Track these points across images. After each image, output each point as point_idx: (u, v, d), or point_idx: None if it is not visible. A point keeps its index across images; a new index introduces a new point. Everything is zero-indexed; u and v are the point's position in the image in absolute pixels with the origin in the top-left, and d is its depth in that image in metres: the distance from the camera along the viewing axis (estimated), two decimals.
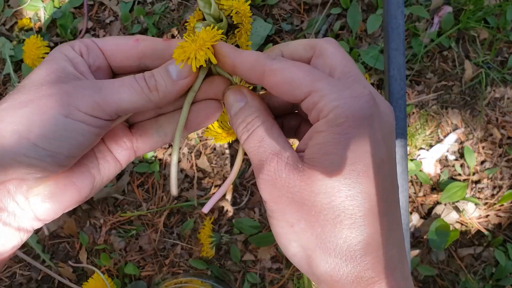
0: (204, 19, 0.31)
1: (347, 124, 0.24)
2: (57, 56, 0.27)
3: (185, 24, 0.32)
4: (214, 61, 0.28)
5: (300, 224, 0.25)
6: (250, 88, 0.31)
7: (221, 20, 0.30)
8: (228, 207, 0.92)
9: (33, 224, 0.28)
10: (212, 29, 0.29)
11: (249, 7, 0.31)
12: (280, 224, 0.26)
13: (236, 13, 0.30)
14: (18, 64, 0.98)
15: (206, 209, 0.30)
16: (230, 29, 0.32)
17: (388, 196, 0.25)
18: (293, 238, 0.25)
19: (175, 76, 0.28)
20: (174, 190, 0.31)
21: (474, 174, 0.91)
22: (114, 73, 0.31)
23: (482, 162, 0.91)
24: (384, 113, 0.26)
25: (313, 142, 0.25)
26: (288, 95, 0.26)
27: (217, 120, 0.38)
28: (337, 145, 0.24)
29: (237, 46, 0.32)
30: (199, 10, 0.30)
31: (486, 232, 0.88)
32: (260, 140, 0.26)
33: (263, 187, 0.26)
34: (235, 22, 0.31)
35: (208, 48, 0.28)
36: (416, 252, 0.88)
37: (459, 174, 0.91)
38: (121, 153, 0.31)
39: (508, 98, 0.92)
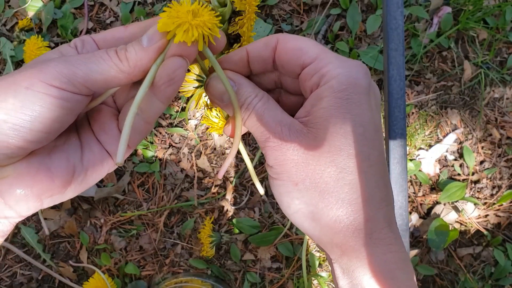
0: (208, 1, 0.30)
1: (350, 90, 0.26)
2: (49, 52, 0.28)
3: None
4: (217, 34, 0.27)
5: (305, 182, 0.27)
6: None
7: (225, 5, 0.30)
8: (228, 207, 0.92)
9: (4, 212, 0.26)
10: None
11: None
12: (284, 184, 0.27)
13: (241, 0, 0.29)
14: (18, 65, 0.98)
15: (220, 175, 0.31)
16: (233, 16, 0.31)
17: (383, 158, 0.28)
18: (296, 195, 0.27)
19: (146, 42, 0.27)
20: (119, 157, 0.27)
21: (473, 174, 0.91)
22: None
23: (481, 162, 0.91)
24: (376, 90, 0.29)
25: (316, 107, 0.27)
26: (295, 61, 0.28)
27: (215, 109, 0.37)
28: (340, 108, 0.26)
29: (238, 35, 0.31)
30: None
31: (485, 232, 0.88)
32: (261, 116, 0.28)
33: (269, 154, 0.27)
34: (237, 9, 0.30)
35: (208, 29, 0.26)
36: (415, 251, 0.88)
37: (458, 174, 0.91)
38: (110, 142, 0.29)
39: (507, 98, 0.92)
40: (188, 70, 0.36)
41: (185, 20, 0.25)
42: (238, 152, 0.93)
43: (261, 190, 0.35)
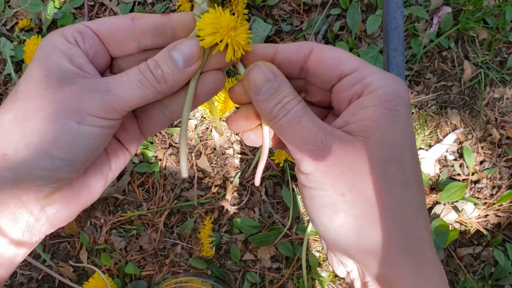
0: None
1: (397, 102, 0.25)
2: (50, 51, 0.26)
3: None
4: (234, 56, 0.27)
5: (352, 193, 0.24)
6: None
7: None
8: (228, 207, 0.92)
9: (46, 230, 0.27)
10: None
11: None
12: (328, 194, 0.25)
13: None
14: (18, 65, 0.98)
15: (257, 181, 0.30)
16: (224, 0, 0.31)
17: (421, 173, 0.27)
18: (343, 207, 0.25)
19: (182, 64, 0.27)
20: (184, 172, 0.29)
21: (473, 174, 0.91)
22: (112, 56, 0.30)
23: (481, 162, 0.91)
24: None
25: (361, 116, 0.26)
26: (332, 70, 0.27)
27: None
28: (389, 120, 0.25)
29: (233, 14, 0.32)
30: None
31: (485, 232, 0.88)
32: (299, 118, 0.26)
33: (308, 159, 0.25)
34: None
35: (243, 38, 0.27)
36: None
37: (458, 174, 0.91)
38: (130, 140, 0.30)
39: (507, 98, 0.92)
40: None
41: (227, 35, 0.26)
42: (239, 153, 0.93)
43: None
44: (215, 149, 0.94)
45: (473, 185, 0.91)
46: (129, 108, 0.26)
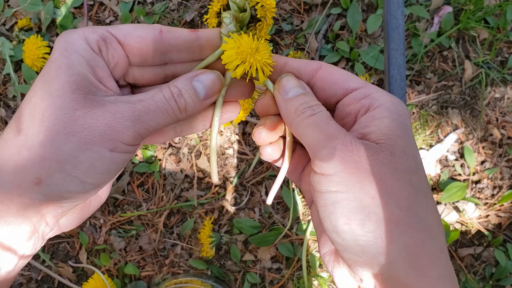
0: (227, 5, 0.30)
1: (404, 117, 0.27)
2: (73, 59, 0.25)
3: (208, 6, 0.31)
4: (264, 75, 0.29)
5: (383, 196, 0.24)
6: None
7: (245, 10, 0.30)
8: (228, 207, 0.92)
9: (52, 235, 0.28)
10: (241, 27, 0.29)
11: (274, 2, 0.30)
12: (358, 197, 0.24)
13: (261, 6, 0.30)
14: (18, 64, 0.98)
15: (269, 200, 0.31)
16: (251, 21, 0.31)
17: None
18: (374, 210, 0.23)
19: (203, 96, 0.28)
20: (215, 177, 0.32)
21: (474, 174, 0.91)
22: (129, 63, 0.29)
23: (482, 162, 0.91)
24: None
25: (377, 126, 0.26)
26: (339, 84, 0.29)
27: None
28: (405, 132, 0.26)
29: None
30: None
31: (486, 232, 0.88)
32: (327, 120, 0.26)
33: (336, 157, 0.24)
34: (258, 16, 0.31)
35: (266, 60, 0.28)
36: None
37: (459, 174, 0.91)
38: None
39: (508, 98, 0.92)
40: None
41: (252, 59, 0.28)
42: (239, 152, 0.93)
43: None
44: None
45: (474, 185, 0.90)
46: (152, 132, 0.27)
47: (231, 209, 0.92)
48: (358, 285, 0.27)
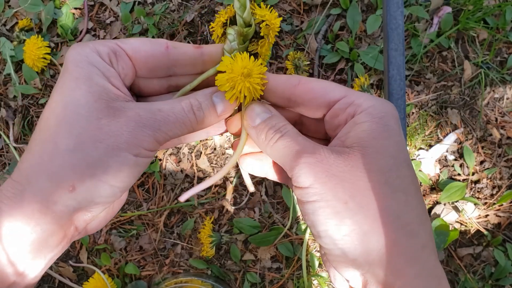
0: (234, 17, 0.31)
1: (387, 118, 0.26)
2: (91, 71, 0.26)
3: (216, 15, 0.32)
4: (259, 92, 0.30)
5: (356, 199, 0.25)
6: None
7: (250, 26, 0.31)
8: (228, 207, 0.92)
9: (79, 238, 0.30)
10: (249, 54, 0.30)
11: (279, 22, 0.31)
12: (330, 205, 0.25)
13: (266, 25, 0.31)
14: (18, 64, 0.98)
15: (183, 198, 0.31)
16: (254, 37, 0.32)
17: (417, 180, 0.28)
18: (347, 215, 0.25)
19: (220, 111, 0.29)
20: (251, 187, 0.33)
21: (473, 174, 0.91)
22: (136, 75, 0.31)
23: (482, 162, 0.91)
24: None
25: (356, 131, 0.27)
26: (320, 98, 0.28)
27: None
28: (383, 132, 0.26)
29: (256, 54, 0.33)
30: (233, 8, 0.31)
31: (485, 232, 0.88)
32: (295, 138, 0.28)
33: (307, 171, 0.26)
34: (261, 34, 0.32)
35: (257, 84, 0.29)
36: None
37: (459, 174, 0.91)
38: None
39: (507, 98, 0.92)
40: None
41: (241, 82, 0.29)
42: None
43: (251, 188, 0.35)
44: (215, 149, 0.94)
45: (473, 185, 0.91)
46: (169, 140, 0.28)
47: (231, 209, 0.92)
48: (350, 286, 0.28)
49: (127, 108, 0.27)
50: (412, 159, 0.91)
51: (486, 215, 0.90)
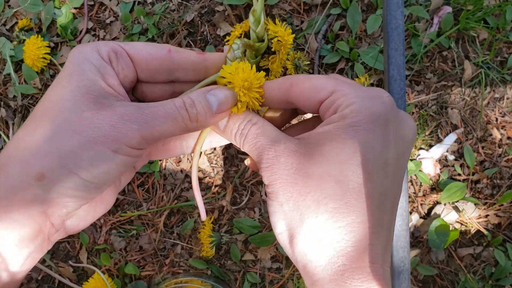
0: (248, 32, 0.31)
1: (359, 118, 0.25)
2: (84, 66, 0.26)
3: (232, 29, 0.32)
4: (257, 107, 0.30)
5: (289, 203, 0.25)
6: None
7: (263, 41, 0.31)
8: (228, 207, 0.92)
9: (59, 237, 0.28)
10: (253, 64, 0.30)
11: (292, 39, 0.31)
12: (273, 204, 0.26)
13: (278, 40, 0.31)
14: (18, 64, 0.98)
15: (204, 216, 0.32)
16: (267, 52, 0.32)
17: (386, 195, 0.25)
18: (281, 216, 0.26)
19: (216, 108, 0.28)
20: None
21: (473, 174, 0.91)
22: (138, 79, 0.31)
23: (482, 162, 0.91)
24: (406, 123, 0.27)
25: (321, 129, 0.26)
26: (313, 99, 0.28)
27: None
28: (344, 134, 0.25)
29: (267, 69, 0.33)
30: (248, 23, 0.31)
31: (485, 232, 0.88)
32: (255, 138, 0.28)
33: (263, 174, 0.27)
34: (273, 49, 0.32)
35: (256, 92, 0.29)
36: (415, 252, 0.88)
37: (459, 174, 0.91)
38: (140, 161, 0.32)
39: (507, 98, 0.92)
40: None
41: (240, 92, 0.29)
42: (239, 152, 0.93)
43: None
44: (215, 149, 0.93)
45: (473, 185, 0.91)
46: (158, 140, 0.27)
47: (231, 209, 0.92)
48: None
49: (116, 104, 0.26)
50: (413, 159, 0.91)
51: (486, 215, 0.89)
